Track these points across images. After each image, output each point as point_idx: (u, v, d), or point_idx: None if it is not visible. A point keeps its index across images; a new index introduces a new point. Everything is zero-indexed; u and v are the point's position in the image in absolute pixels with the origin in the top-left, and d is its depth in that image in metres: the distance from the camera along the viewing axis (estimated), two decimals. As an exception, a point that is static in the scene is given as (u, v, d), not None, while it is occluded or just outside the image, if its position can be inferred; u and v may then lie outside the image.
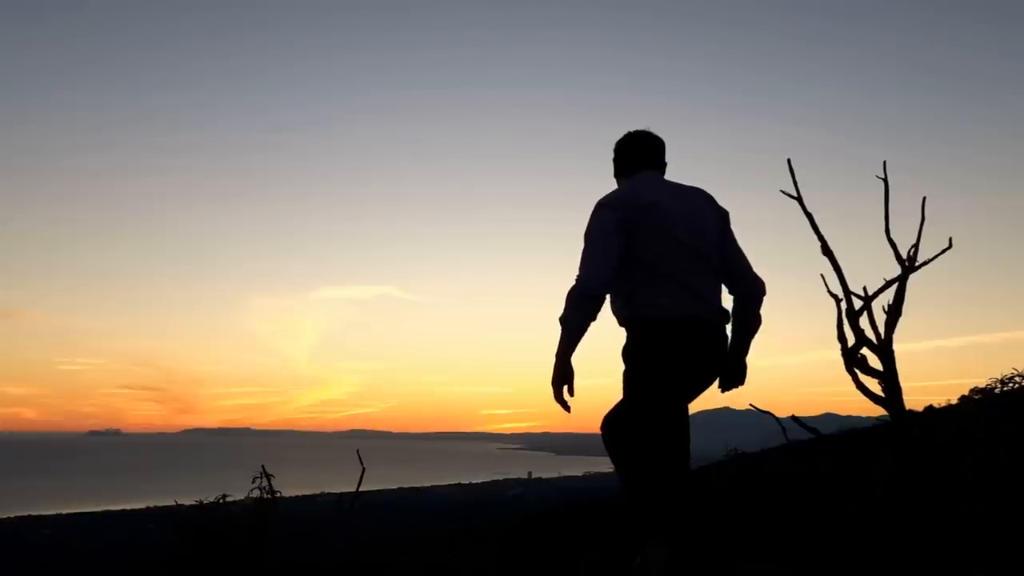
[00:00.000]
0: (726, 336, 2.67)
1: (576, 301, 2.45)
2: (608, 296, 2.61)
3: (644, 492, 2.51)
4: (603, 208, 2.56)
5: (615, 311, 2.66)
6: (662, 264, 2.51)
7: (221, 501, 4.99)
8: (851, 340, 3.84)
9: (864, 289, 3.93)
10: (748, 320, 2.74)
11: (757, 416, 4.20)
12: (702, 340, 2.55)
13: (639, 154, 2.78)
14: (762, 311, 2.77)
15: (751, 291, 2.74)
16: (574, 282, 2.48)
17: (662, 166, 2.80)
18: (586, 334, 2.50)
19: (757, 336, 2.79)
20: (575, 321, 2.45)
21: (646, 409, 2.52)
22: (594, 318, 2.48)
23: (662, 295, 2.50)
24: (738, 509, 4.18)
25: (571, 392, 2.49)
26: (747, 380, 2.76)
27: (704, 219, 2.64)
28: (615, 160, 2.86)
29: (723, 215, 2.74)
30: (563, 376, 2.46)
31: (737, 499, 4.54)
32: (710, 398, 2.68)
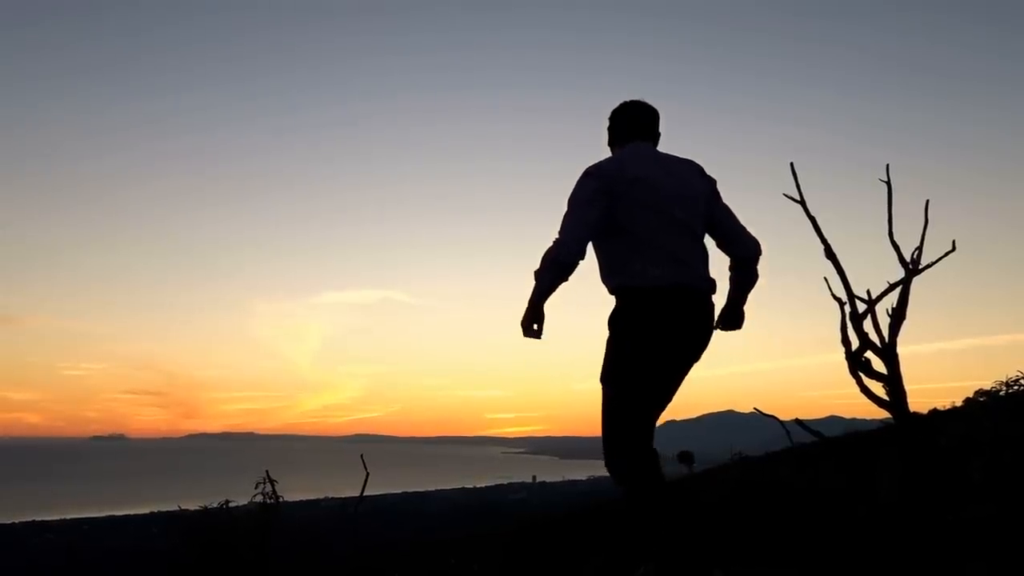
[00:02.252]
0: (713, 305, 2.70)
1: (548, 264, 2.53)
2: (597, 264, 2.69)
3: (646, 507, 2.49)
4: (586, 177, 2.61)
5: (603, 279, 2.70)
6: (649, 235, 2.56)
7: (224, 506, 4.98)
8: (855, 343, 3.83)
9: (868, 292, 3.93)
10: (747, 279, 2.83)
11: (761, 419, 4.20)
12: (690, 309, 2.58)
13: (632, 124, 2.80)
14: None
15: (748, 252, 2.80)
16: (552, 243, 2.53)
17: (655, 136, 2.83)
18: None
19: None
20: (546, 281, 2.54)
21: (628, 378, 2.53)
22: (565, 279, 2.55)
23: (650, 265, 2.55)
24: (742, 512, 4.17)
25: (540, 330, 2.56)
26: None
27: (691, 190, 2.67)
28: (609, 129, 2.89)
29: (711, 183, 2.78)
30: (533, 317, 2.55)
31: (741, 502, 4.52)
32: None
